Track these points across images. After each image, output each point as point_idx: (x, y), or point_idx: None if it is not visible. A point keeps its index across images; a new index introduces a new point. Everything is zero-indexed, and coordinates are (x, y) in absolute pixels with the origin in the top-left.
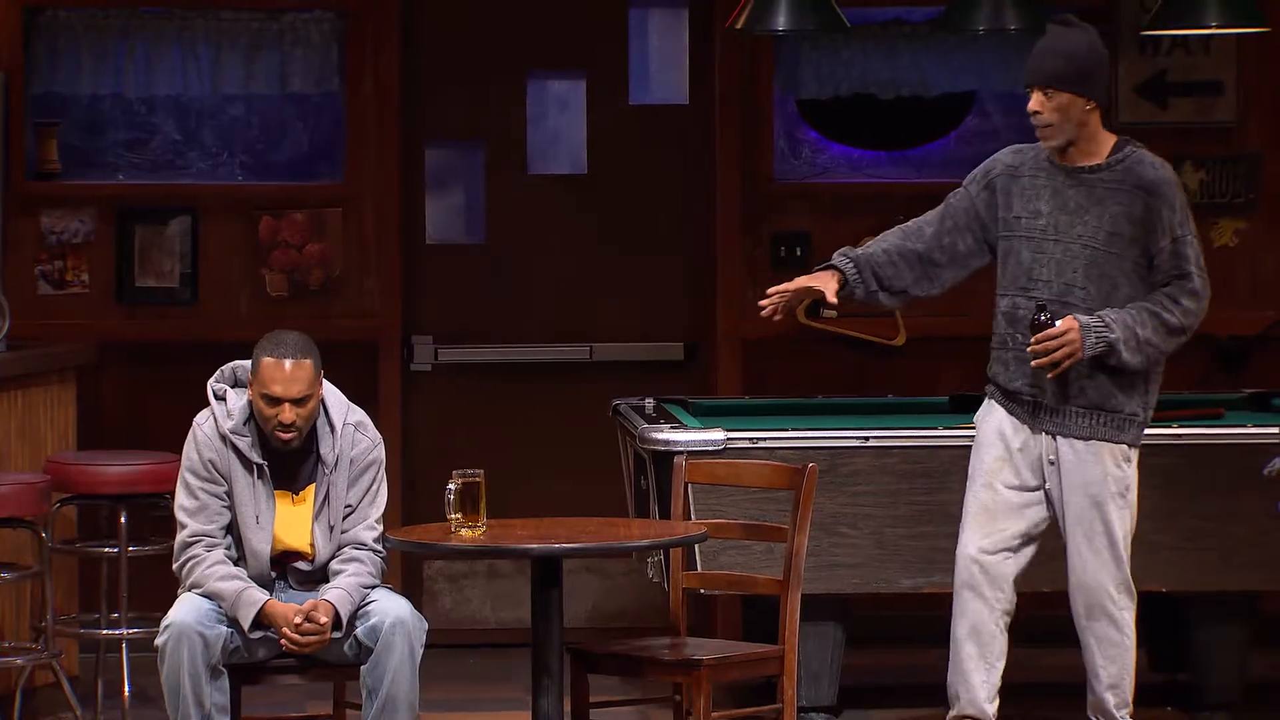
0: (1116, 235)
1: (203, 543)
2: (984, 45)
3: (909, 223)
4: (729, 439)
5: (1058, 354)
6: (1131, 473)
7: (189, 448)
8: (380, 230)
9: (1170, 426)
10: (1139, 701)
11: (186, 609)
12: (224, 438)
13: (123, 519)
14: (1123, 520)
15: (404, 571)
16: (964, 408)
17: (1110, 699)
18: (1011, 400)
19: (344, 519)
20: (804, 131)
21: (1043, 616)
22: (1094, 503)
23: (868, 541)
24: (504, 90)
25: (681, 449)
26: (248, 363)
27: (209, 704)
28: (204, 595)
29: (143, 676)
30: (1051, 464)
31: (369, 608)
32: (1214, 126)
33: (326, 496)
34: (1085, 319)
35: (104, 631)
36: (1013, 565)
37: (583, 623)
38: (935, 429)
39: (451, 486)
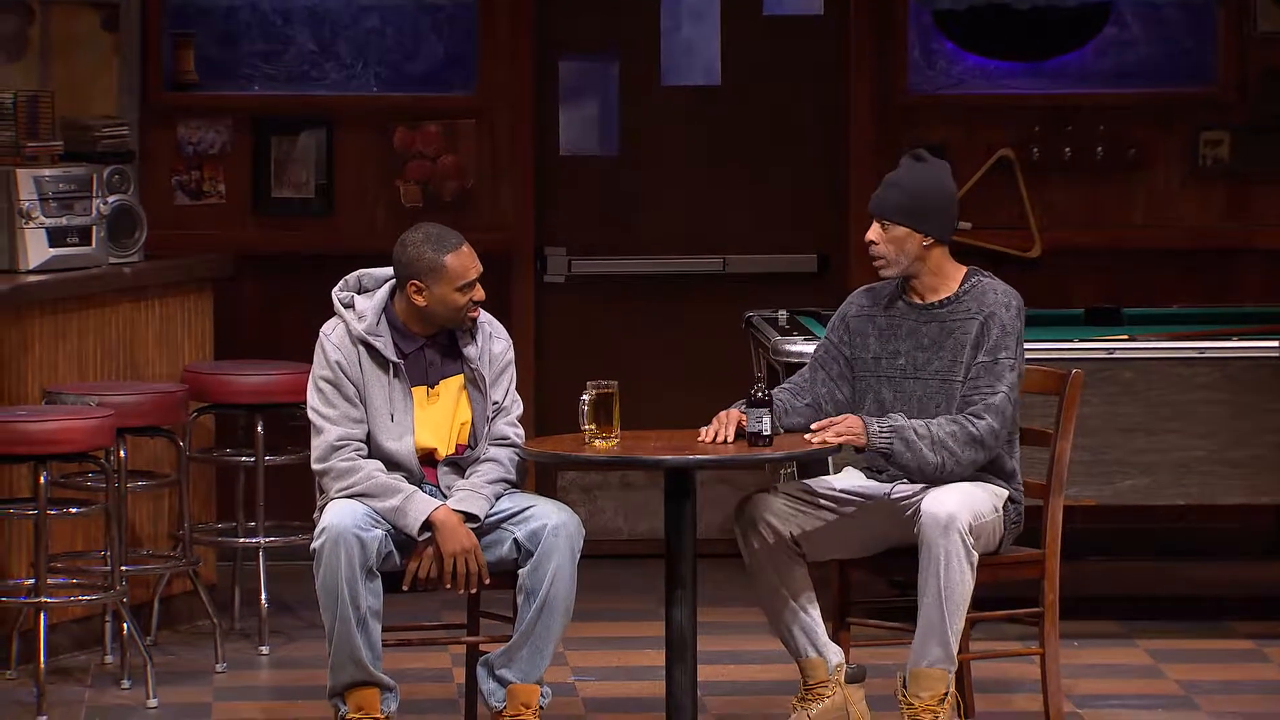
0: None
1: (352, 447)
2: None
3: (782, 390)
4: None
5: (840, 425)
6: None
7: (318, 355)
8: (514, 142)
9: None
10: None
11: (342, 512)
12: (358, 341)
13: (259, 428)
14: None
15: (538, 482)
16: (1100, 320)
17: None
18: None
19: (489, 418)
20: (939, 42)
21: (1173, 529)
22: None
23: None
24: (637, 1)
25: None
26: (374, 270)
27: (364, 607)
28: (360, 495)
29: (279, 585)
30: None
31: (530, 512)
32: None
33: (478, 390)
34: (869, 418)
35: (241, 540)
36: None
37: (715, 534)
38: (1071, 341)
39: (585, 397)
